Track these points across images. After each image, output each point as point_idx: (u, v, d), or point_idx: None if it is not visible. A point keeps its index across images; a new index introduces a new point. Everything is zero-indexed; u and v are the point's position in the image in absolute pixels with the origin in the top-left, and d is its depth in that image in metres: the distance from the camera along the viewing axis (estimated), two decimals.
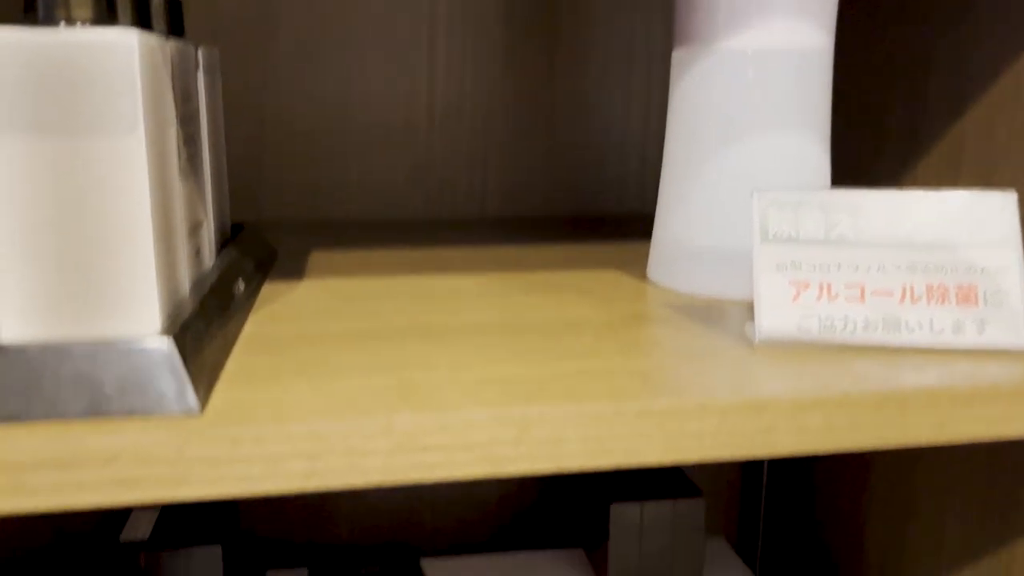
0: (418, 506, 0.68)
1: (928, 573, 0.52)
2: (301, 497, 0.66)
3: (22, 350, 0.27)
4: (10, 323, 0.28)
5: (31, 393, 0.27)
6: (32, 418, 0.27)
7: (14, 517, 0.63)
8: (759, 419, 0.29)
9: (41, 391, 0.27)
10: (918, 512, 0.53)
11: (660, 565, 0.60)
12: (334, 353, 0.33)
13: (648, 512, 0.59)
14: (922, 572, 0.53)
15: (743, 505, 0.72)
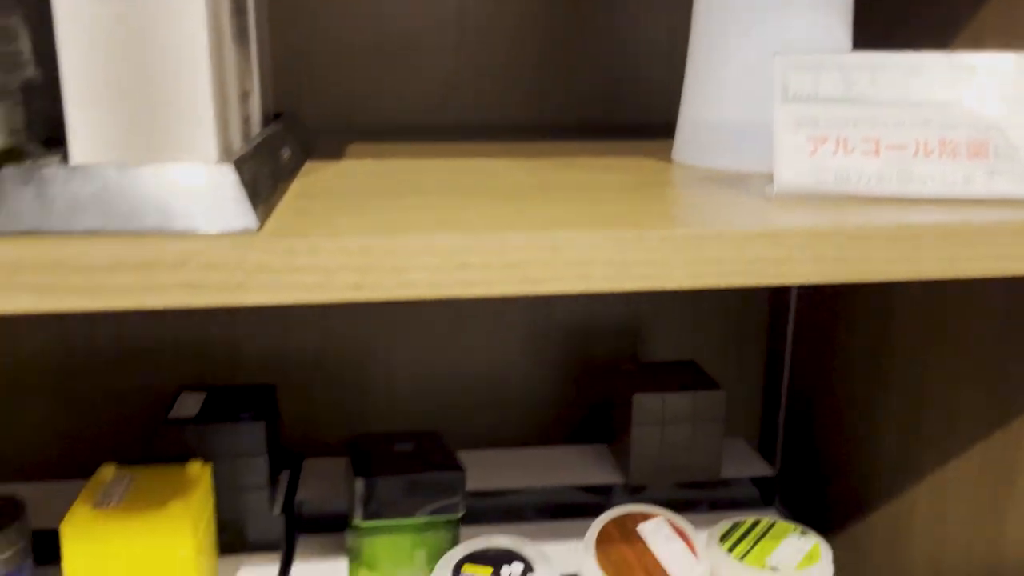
0: (448, 405, 0.71)
1: (941, 458, 0.54)
2: (337, 390, 0.69)
3: (99, 170, 0.30)
4: (84, 147, 0.31)
5: (108, 209, 0.29)
6: (110, 230, 0.29)
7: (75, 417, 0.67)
8: (776, 248, 0.31)
9: (116, 207, 0.29)
10: (932, 402, 0.55)
11: (680, 457, 0.63)
12: (378, 200, 0.36)
13: (670, 403, 0.61)
14: (935, 458, 0.55)
15: (764, 410, 0.75)
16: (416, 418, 0.72)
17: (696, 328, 0.72)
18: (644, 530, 0.52)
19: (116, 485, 0.53)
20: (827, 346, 0.67)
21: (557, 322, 0.71)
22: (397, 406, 0.71)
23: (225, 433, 0.56)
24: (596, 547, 0.51)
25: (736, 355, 0.73)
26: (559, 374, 0.72)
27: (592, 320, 0.72)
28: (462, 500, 0.55)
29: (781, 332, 0.72)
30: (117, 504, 0.51)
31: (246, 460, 0.57)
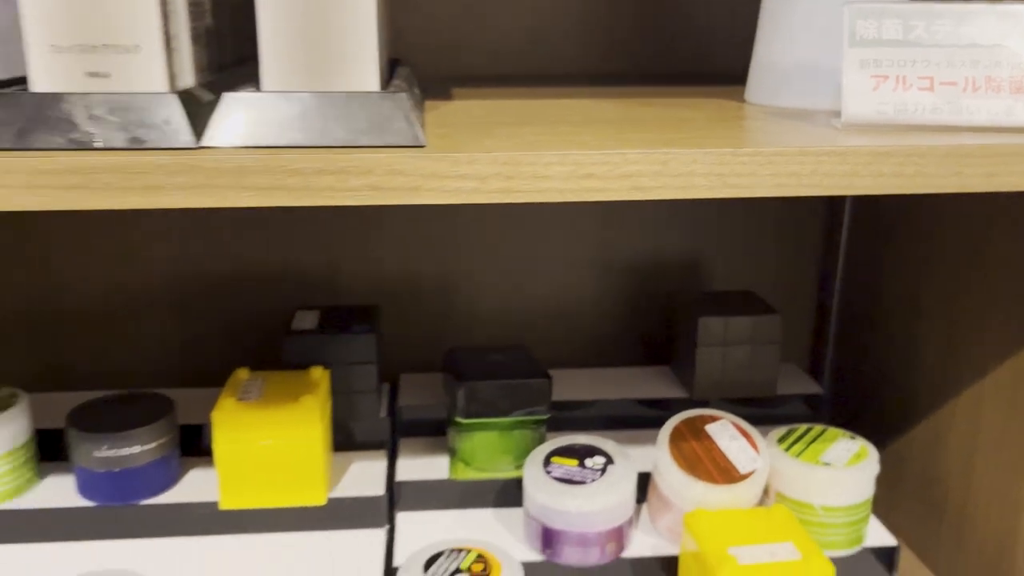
0: (524, 330, 0.78)
1: (978, 373, 0.60)
2: (426, 316, 0.77)
3: (299, 97, 0.37)
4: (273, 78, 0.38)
5: (308, 127, 0.37)
6: (308, 144, 0.37)
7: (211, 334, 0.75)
8: (844, 164, 0.38)
9: (314, 126, 0.37)
10: (968, 322, 0.61)
11: (739, 375, 0.70)
12: (503, 129, 0.43)
13: (731, 326, 0.68)
14: (972, 373, 0.61)
15: (814, 336, 0.81)
16: (496, 341, 0.79)
17: (752, 261, 0.79)
18: (711, 429, 0.59)
19: (251, 385, 0.61)
20: (874, 275, 0.73)
21: (623, 257, 0.78)
22: (478, 331, 0.78)
23: (341, 343, 0.64)
24: (669, 442, 0.58)
25: (789, 287, 0.79)
26: (624, 304, 0.79)
27: (655, 255, 0.79)
28: (548, 403, 0.62)
29: (832, 264, 0.78)
30: (256, 399, 0.59)
31: (359, 367, 0.65)
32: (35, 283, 0.73)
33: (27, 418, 0.60)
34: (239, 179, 0.35)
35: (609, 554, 0.57)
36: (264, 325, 0.75)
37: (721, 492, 0.56)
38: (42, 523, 0.59)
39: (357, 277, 0.76)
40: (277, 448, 0.58)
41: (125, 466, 0.58)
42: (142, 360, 0.76)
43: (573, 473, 0.58)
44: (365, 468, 0.64)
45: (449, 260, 0.77)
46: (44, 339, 0.74)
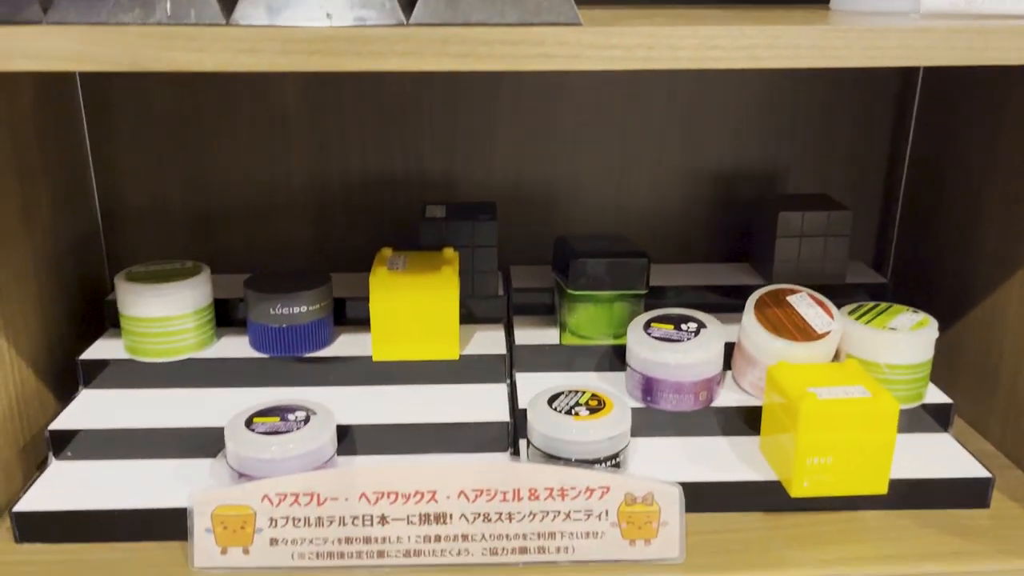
0: (619, 225, 0.88)
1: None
2: (530, 216, 0.87)
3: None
4: None
5: (490, 7, 0.46)
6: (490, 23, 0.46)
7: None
8: (924, 39, 0.46)
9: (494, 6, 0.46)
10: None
11: (813, 265, 0.78)
12: (635, 21, 0.52)
13: (808, 220, 0.77)
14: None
15: (878, 236, 0.89)
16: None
17: (824, 168, 0.87)
18: (791, 299, 0.69)
19: (396, 259, 0.72)
20: (937, 176, 0.80)
21: (707, 166, 0.87)
22: (577, 230, 0.88)
23: (468, 228, 0.74)
24: (755, 308, 0.67)
25: (858, 191, 0.88)
26: (707, 208, 0.88)
27: (736, 164, 0.87)
28: (646, 281, 0.72)
29: (898, 169, 0.86)
30: (402, 269, 0.70)
31: (482, 250, 0.75)
32: (194, 183, 0.85)
33: (209, 284, 0.72)
34: (442, 47, 0.45)
35: (701, 402, 0.67)
36: (391, 221, 0.86)
37: (800, 348, 0.65)
38: (223, 371, 0.70)
39: (472, 182, 0.86)
40: (421, 308, 0.68)
41: (293, 323, 0.69)
42: (285, 251, 0.87)
43: (670, 334, 0.67)
44: (487, 336, 0.75)
45: (553, 167, 0.87)
46: (198, 230, 0.86)
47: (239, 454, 0.58)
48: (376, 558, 0.57)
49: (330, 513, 0.56)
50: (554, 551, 0.58)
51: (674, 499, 0.57)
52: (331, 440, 0.60)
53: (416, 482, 0.57)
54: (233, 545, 0.57)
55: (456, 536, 0.57)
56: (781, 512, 0.62)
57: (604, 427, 0.60)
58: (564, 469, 0.57)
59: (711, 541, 0.60)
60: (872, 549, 0.59)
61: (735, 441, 0.67)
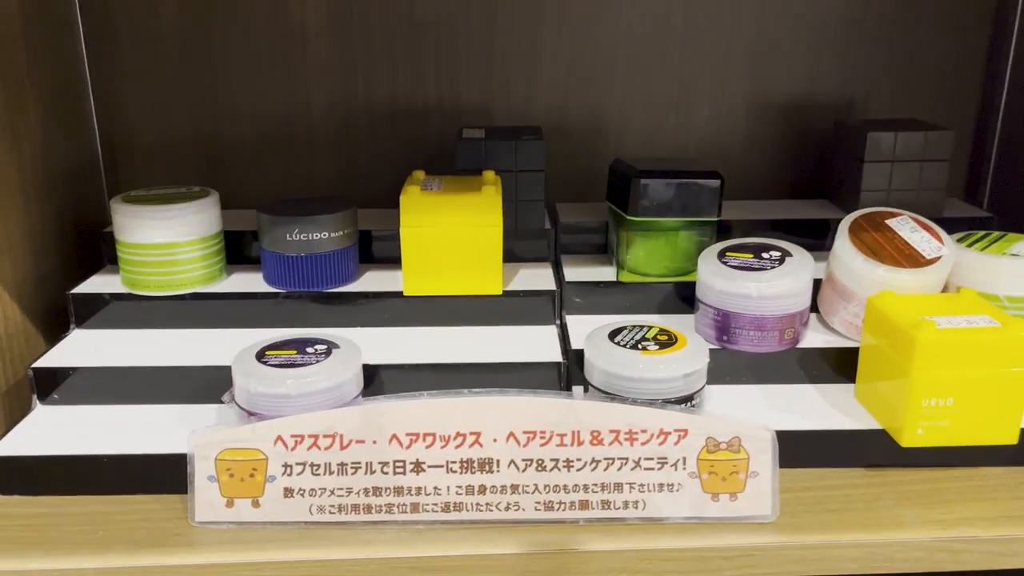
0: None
1: None
2: (578, 150, 0.78)
3: None
4: None
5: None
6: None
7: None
8: None
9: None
10: None
11: (906, 196, 0.69)
12: None
13: (901, 141, 0.67)
14: None
15: (970, 169, 0.79)
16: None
17: (908, 97, 0.77)
18: (892, 223, 0.59)
19: (430, 182, 0.63)
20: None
21: (776, 95, 0.77)
22: (630, 147, 0.79)
23: (510, 150, 0.65)
24: (849, 232, 0.58)
25: (947, 119, 0.77)
26: (778, 143, 0.78)
27: (808, 93, 0.78)
28: (719, 204, 0.62)
29: (995, 95, 0.76)
30: (437, 190, 0.61)
31: (527, 175, 0.66)
32: (206, 112, 0.77)
33: (217, 210, 0.63)
34: None
35: (787, 342, 0.57)
36: (423, 153, 0.77)
37: (906, 275, 0.55)
38: (233, 308, 0.62)
39: (512, 112, 0.77)
40: (459, 233, 0.59)
41: (313, 251, 0.61)
42: (305, 187, 0.78)
43: (751, 263, 0.58)
44: (533, 273, 0.66)
45: (603, 95, 0.77)
46: (213, 164, 0.78)
47: (249, 390, 0.50)
48: (409, 512, 0.48)
49: (355, 458, 0.47)
50: (621, 506, 0.48)
51: (766, 445, 0.47)
52: (356, 377, 0.51)
53: (457, 422, 0.47)
54: (241, 496, 0.48)
55: (504, 487, 0.48)
56: (885, 468, 0.52)
57: (678, 362, 0.51)
58: (633, 408, 0.48)
59: (805, 498, 0.50)
60: (1002, 508, 0.49)
61: (826, 389, 0.57)
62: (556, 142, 0.78)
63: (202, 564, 0.46)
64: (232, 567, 0.46)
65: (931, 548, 0.47)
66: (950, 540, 0.47)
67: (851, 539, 0.47)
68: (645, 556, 0.47)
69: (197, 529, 0.48)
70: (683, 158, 0.67)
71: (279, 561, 0.46)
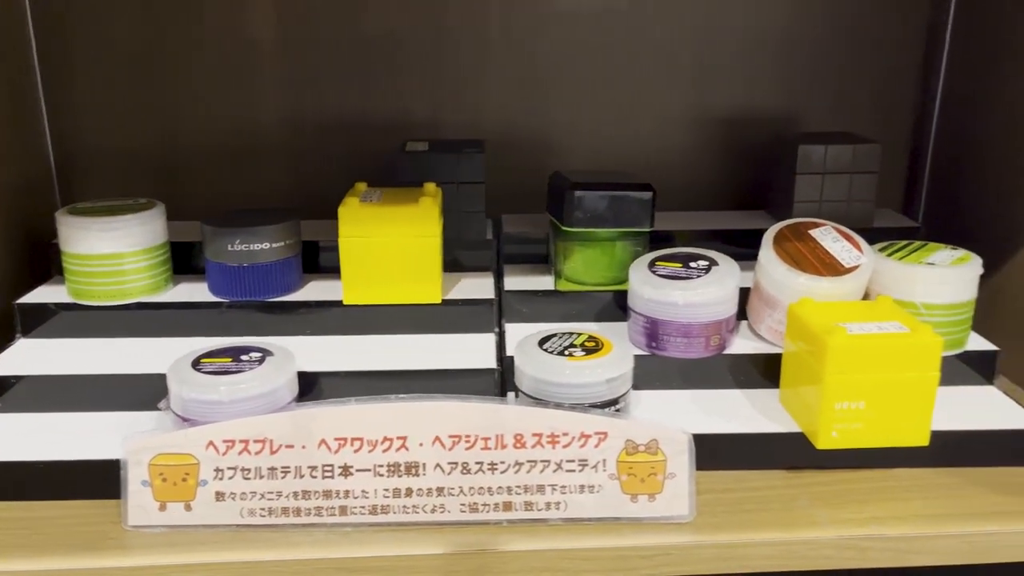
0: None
1: None
2: (523, 165, 0.80)
3: None
4: None
5: None
6: None
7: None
8: None
9: None
10: None
11: (837, 208, 0.71)
12: None
13: (831, 153, 0.69)
14: None
15: (907, 183, 0.82)
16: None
17: (846, 109, 0.79)
18: (814, 232, 0.61)
19: (371, 193, 0.64)
20: (969, 114, 0.73)
21: (717, 109, 0.80)
22: (581, 160, 0.81)
23: (452, 163, 0.67)
24: (773, 242, 0.60)
25: (883, 133, 0.80)
26: (718, 155, 0.81)
27: (748, 106, 0.80)
28: (652, 217, 0.64)
29: (928, 108, 0.79)
30: (376, 201, 0.62)
31: (468, 187, 0.68)
32: (158, 124, 0.78)
33: (163, 221, 0.65)
34: None
35: (712, 348, 0.59)
36: (371, 166, 0.79)
37: (825, 284, 0.57)
38: (178, 317, 0.63)
39: (459, 125, 0.79)
40: (397, 243, 0.61)
41: (255, 261, 0.62)
42: (255, 198, 0.80)
43: (678, 272, 0.60)
44: (474, 283, 0.67)
45: (548, 109, 0.79)
46: (164, 176, 0.79)
47: (183, 397, 0.51)
48: (338, 515, 0.49)
49: (285, 463, 0.49)
50: (543, 507, 0.50)
51: (682, 447, 0.49)
52: (289, 383, 0.53)
53: (384, 427, 0.49)
54: (173, 500, 0.49)
55: (430, 490, 0.49)
56: (804, 469, 0.54)
57: (602, 368, 0.52)
58: (555, 412, 0.49)
59: (725, 499, 0.52)
60: (911, 508, 0.51)
61: (751, 394, 0.59)
62: (504, 155, 0.80)
63: (134, 567, 0.47)
64: (164, 569, 0.47)
65: (840, 546, 0.49)
66: (858, 538, 0.49)
67: (764, 538, 0.49)
68: (565, 555, 0.48)
69: (130, 533, 0.49)
70: (621, 171, 0.69)
71: (209, 563, 0.47)
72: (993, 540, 0.50)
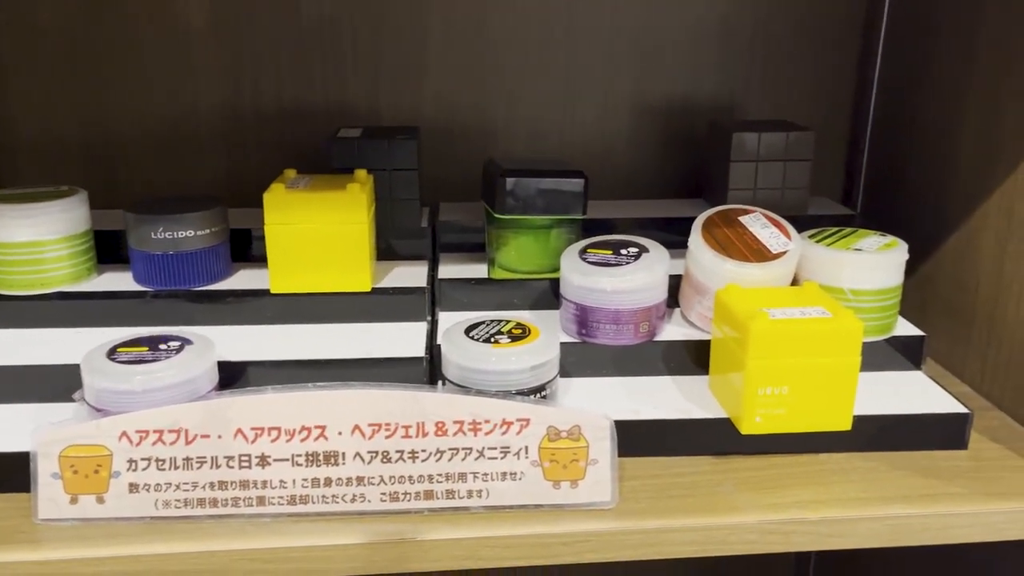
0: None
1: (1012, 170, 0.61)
2: (460, 153, 0.79)
3: None
4: None
5: None
6: None
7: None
8: None
9: None
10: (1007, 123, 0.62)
11: (772, 195, 0.71)
12: None
13: (764, 141, 0.69)
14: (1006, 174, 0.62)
15: (847, 171, 0.82)
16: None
17: (784, 98, 0.80)
18: (743, 219, 0.61)
19: (299, 180, 0.63)
20: (908, 99, 0.73)
21: (658, 96, 0.80)
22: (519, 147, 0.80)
23: (384, 149, 0.66)
24: (702, 228, 0.60)
25: (822, 122, 0.80)
26: (658, 143, 0.81)
27: (689, 95, 0.80)
28: (584, 205, 0.64)
29: (865, 95, 0.79)
30: (304, 188, 0.61)
31: (401, 173, 0.67)
32: (90, 112, 0.76)
33: (85, 209, 0.63)
34: None
35: (642, 335, 0.59)
36: (310, 155, 0.78)
37: (752, 269, 0.57)
38: (100, 307, 0.61)
39: (399, 113, 0.78)
40: (324, 231, 0.60)
41: (180, 249, 0.61)
42: (192, 189, 0.78)
43: (608, 259, 0.59)
44: (407, 271, 0.67)
45: (489, 97, 0.78)
46: (96, 165, 0.77)
47: (96, 387, 0.50)
48: (255, 506, 0.48)
49: (200, 453, 0.48)
50: (465, 495, 0.49)
51: (604, 433, 0.49)
52: (208, 373, 0.52)
53: (302, 415, 0.48)
54: (85, 492, 0.48)
55: (350, 479, 0.49)
56: (731, 456, 0.54)
57: (527, 355, 0.52)
58: (476, 399, 0.49)
59: (649, 486, 0.52)
60: (833, 492, 0.51)
61: (681, 380, 0.59)
62: (443, 142, 0.79)
63: (42, 560, 0.46)
64: (73, 563, 0.46)
65: (763, 531, 0.49)
66: (781, 523, 0.49)
67: (687, 523, 0.49)
68: (487, 543, 0.48)
69: (40, 527, 0.48)
70: (556, 158, 0.69)
71: (121, 555, 0.46)
72: (914, 523, 0.50)
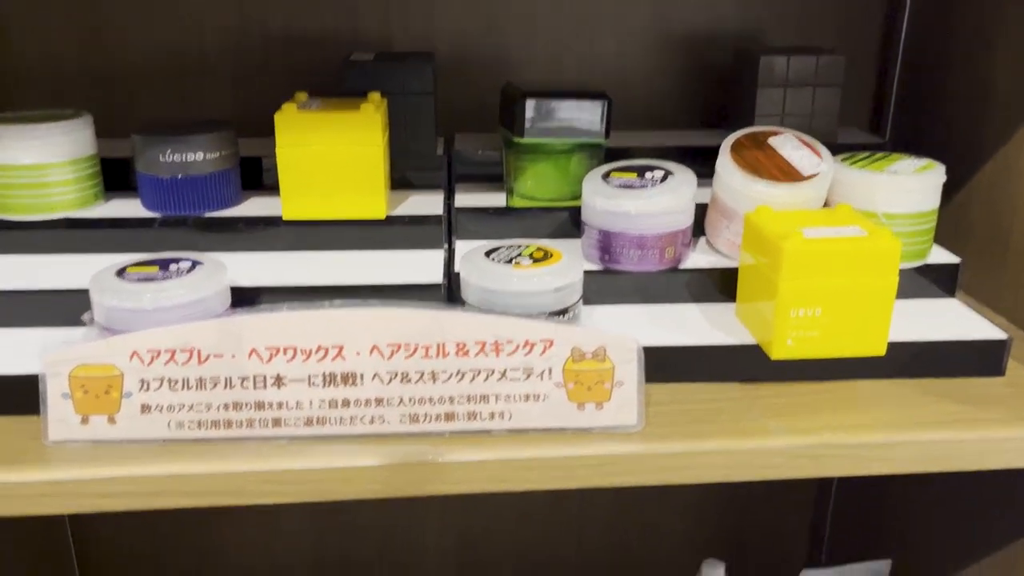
0: None
1: None
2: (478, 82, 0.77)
3: None
4: None
5: None
6: None
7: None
8: None
9: None
10: None
11: (800, 121, 0.68)
12: None
13: (794, 65, 0.67)
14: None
15: (876, 99, 0.79)
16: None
17: (811, 28, 0.77)
18: (773, 141, 0.59)
19: (311, 103, 0.61)
20: (940, 27, 0.70)
21: (679, 26, 0.77)
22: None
23: (399, 73, 0.64)
24: (731, 150, 0.57)
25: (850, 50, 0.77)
26: (680, 74, 0.78)
27: (712, 24, 0.77)
28: (607, 126, 0.61)
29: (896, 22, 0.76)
30: (317, 109, 0.59)
31: (416, 98, 0.64)
32: (98, 41, 0.74)
33: (90, 132, 0.61)
34: None
35: (668, 261, 0.57)
36: (318, 83, 0.75)
37: (783, 191, 0.55)
38: (106, 233, 0.60)
39: (411, 40, 0.76)
40: (338, 153, 0.58)
41: (189, 173, 0.59)
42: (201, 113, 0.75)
43: (633, 182, 0.57)
44: (423, 200, 0.65)
45: (505, 25, 0.76)
46: (100, 92, 0.75)
47: (105, 306, 0.48)
48: (271, 427, 0.47)
49: (214, 373, 0.46)
50: (487, 417, 0.48)
51: (631, 354, 0.47)
52: (220, 295, 0.50)
53: (319, 335, 0.46)
54: (96, 413, 0.46)
55: (368, 400, 0.47)
56: (760, 382, 0.52)
57: (550, 276, 0.50)
58: (499, 319, 0.47)
59: (676, 411, 0.50)
60: (866, 417, 0.49)
61: (707, 308, 0.57)
62: (456, 72, 0.76)
63: (55, 480, 0.45)
64: (86, 483, 0.45)
65: (792, 455, 0.48)
66: (811, 447, 0.48)
67: (712, 447, 0.47)
68: (509, 466, 0.46)
69: (51, 448, 0.46)
70: (576, 82, 0.67)
71: (134, 476, 0.45)
72: (949, 448, 0.48)
